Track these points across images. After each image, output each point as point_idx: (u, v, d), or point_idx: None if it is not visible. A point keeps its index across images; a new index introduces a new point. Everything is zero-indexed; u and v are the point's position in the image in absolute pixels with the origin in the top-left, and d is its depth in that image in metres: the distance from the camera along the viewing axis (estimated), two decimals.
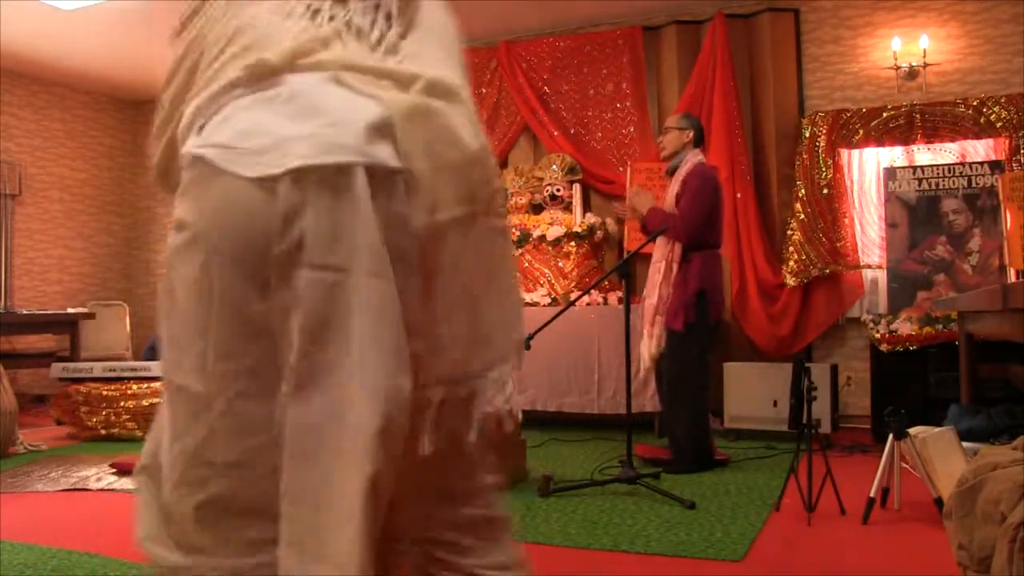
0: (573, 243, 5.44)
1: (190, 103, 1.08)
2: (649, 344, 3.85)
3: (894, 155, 5.10)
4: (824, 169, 5.12)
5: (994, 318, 3.05)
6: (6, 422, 4.32)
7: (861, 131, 5.08)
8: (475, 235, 1.04)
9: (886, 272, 4.99)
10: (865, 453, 4.09)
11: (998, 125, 4.74)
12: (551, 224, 5.53)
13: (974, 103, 4.80)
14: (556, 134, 5.87)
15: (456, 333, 1.05)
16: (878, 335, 4.41)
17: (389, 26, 1.10)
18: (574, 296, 4.76)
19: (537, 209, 5.81)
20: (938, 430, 2.85)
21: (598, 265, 5.50)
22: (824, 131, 5.13)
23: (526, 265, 5.54)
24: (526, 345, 2.41)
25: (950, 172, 4.80)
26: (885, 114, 5.02)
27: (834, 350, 5.21)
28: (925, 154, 5.00)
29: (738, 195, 5.26)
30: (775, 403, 4.42)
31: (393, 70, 1.05)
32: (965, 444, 2.84)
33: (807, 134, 5.18)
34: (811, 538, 2.63)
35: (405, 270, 0.98)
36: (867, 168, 5.18)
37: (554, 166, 5.79)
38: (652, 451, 3.94)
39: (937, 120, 4.91)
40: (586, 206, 5.75)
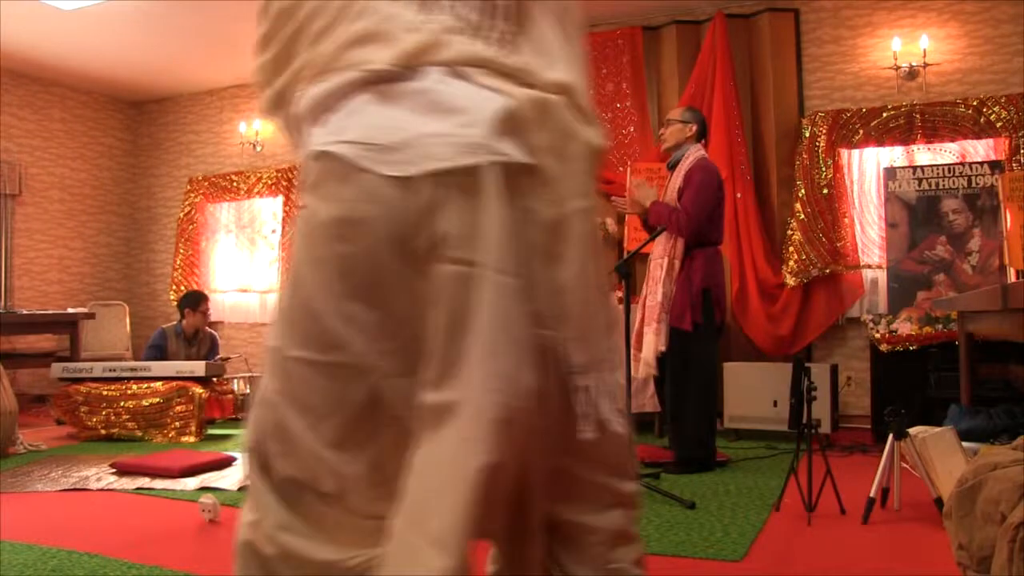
0: None
1: (303, 72, 1.11)
2: (655, 342, 3.71)
3: (894, 155, 5.10)
4: (824, 169, 5.12)
5: (994, 318, 3.05)
6: (6, 422, 4.32)
7: (861, 131, 5.08)
8: (591, 227, 1.09)
9: (886, 272, 4.99)
10: (865, 453, 4.09)
11: (998, 125, 4.74)
12: None
13: (974, 103, 4.80)
14: None
15: (586, 324, 1.10)
16: (878, 335, 4.41)
17: (505, 22, 1.10)
18: None
19: None
20: (938, 430, 2.85)
21: None
22: (824, 131, 5.13)
23: None
24: None
25: (950, 172, 4.80)
26: (885, 114, 5.02)
27: (834, 350, 5.21)
28: (925, 154, 5.00)
29: (738, 195, 5.25)
30: (775, 403, 4.42)
31: (513, 66, 1.07)
32: (965, 444, 2.84)
33: (807, 134, 5.18)
34: (811, 538, 2.63)
35: (538, 263, 1.03)
36: (867, 168, 5.18)
37: None
38: (652, 452, 3.94)
39: (937, 120, 4.91)
40: None
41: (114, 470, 3.80)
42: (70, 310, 6.42)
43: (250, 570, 1.10)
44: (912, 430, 2.81)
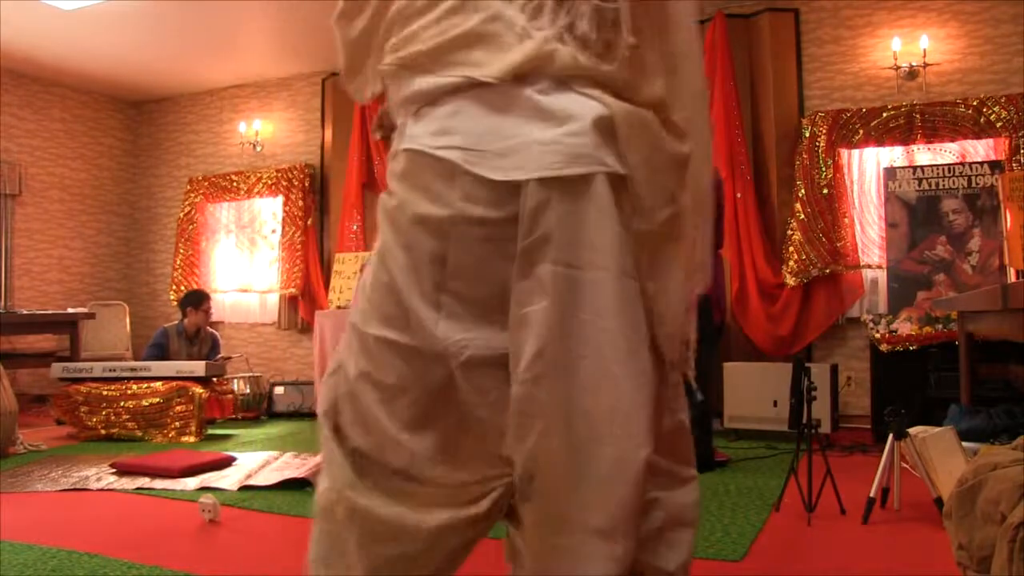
0: None
1: (402, 55, 1.13)
2: None
3: (894, 155, 5.10)
4: (824, 169, 5.12)
5: (994, 318, 3.05)
6: (6, 422, 4.32)
7: (861, 131, 5.08)
8: (677, 237, 1.15)
9: (886, 272, 4.99)
10: (865, 453, 4.08)
11: (998, 125, 4.74)
12: None
13: (974, 103, 4.80)
14: None
15: (677, 325, 1.17)
16: (878, 335, 4.40)
17: (612, 32, 1.10)
18: None
19: None
20: (938, 430, 2.85)
21: None
22: (824, 131, 5.13)
23: None
24: None
25: (950, 172, 4.80)
26: (885, 114, 5.02)
27: (834, 350, 5.21)
28: (925, 154, 5.00)
29: (738, 195, 5.25)
30: (775, 403, 4.42)
31: (613, 77, 1.09)
32: (965, 444, 2.84)
33: (807, 134, 5.18)
34: (811, 538, 2.63)
35: (633, 267, 1.08)
36: (867, 168, 5.18)
37: None
38: None
39: (937, 120, 4.91)
40: None
41: (114, 470, 3.79)
42: (70, 310, 6.43)
43: (325, 536, 1.17)
44: (912, 430, 2.81)
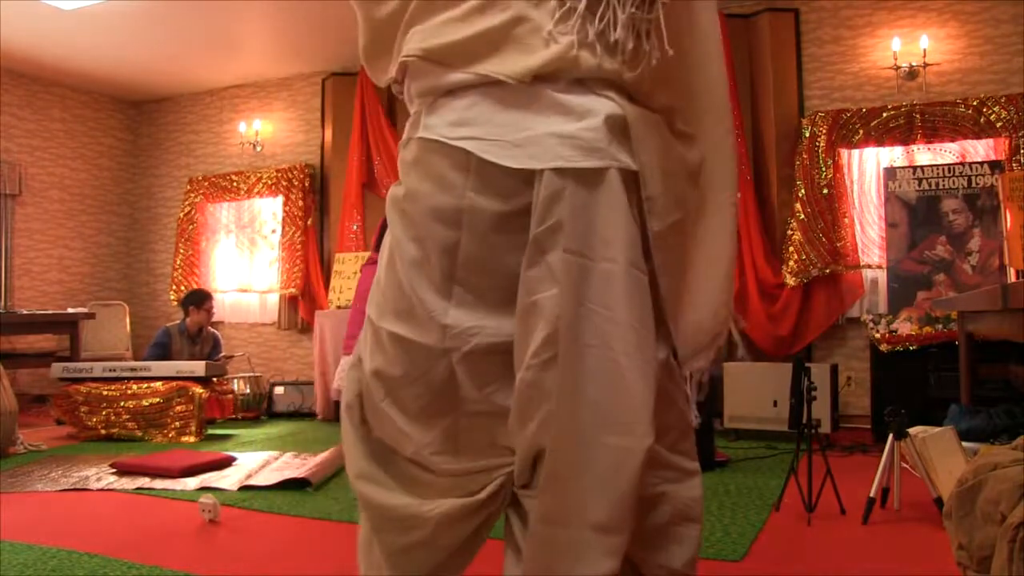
0: None
1: (427, 45, 1.13)
2: None
3: (894, 155, 5.10)
4: (824, 169, 5.12)
5: (994, 318, 3.05)
6: (6, 422, 4.32)
7: (861, 131, 5.08)
8: (683, 236, 1.19)
9: (886, 272, 4.99)
10: (865, 453, 4.08)
11: (998, 125, 4.74)
12: None
13: (974, 103, 4.80)
14: None
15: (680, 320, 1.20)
16: (878, 335, 4.40)
17: (643, 42, 1.12)
18: None
19: None
20: (938, 430, 2.85)
21: None
22: (824, 131, 5.12)
23: None
24: None
25: (950, 172, 4.80)
26: (885, 114, 5.02)
27: (834, 350, 5.21)
28: (925, 154, 5.00)
29: (738, 195, 5.24)
30: (775, 403, 4.42)
31: (630, 82, 1.12)
32: (965, 444, 2.84)
33: (807, 134, 5.18)
34: (811, 538, 2.63)
35: (643, 261, 1.10)
36: (867, 168, 5.18)
37: None
38: None
39: (937, 120, 4.91)
40: None
41: (114, 470, 3.79)
42: (70, 310, 6.42)
43: (363, 523, 1.25)
44: (912, 430, 2.81)
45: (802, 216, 5.11)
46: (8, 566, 2.37)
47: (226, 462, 3.94)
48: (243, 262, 7.29)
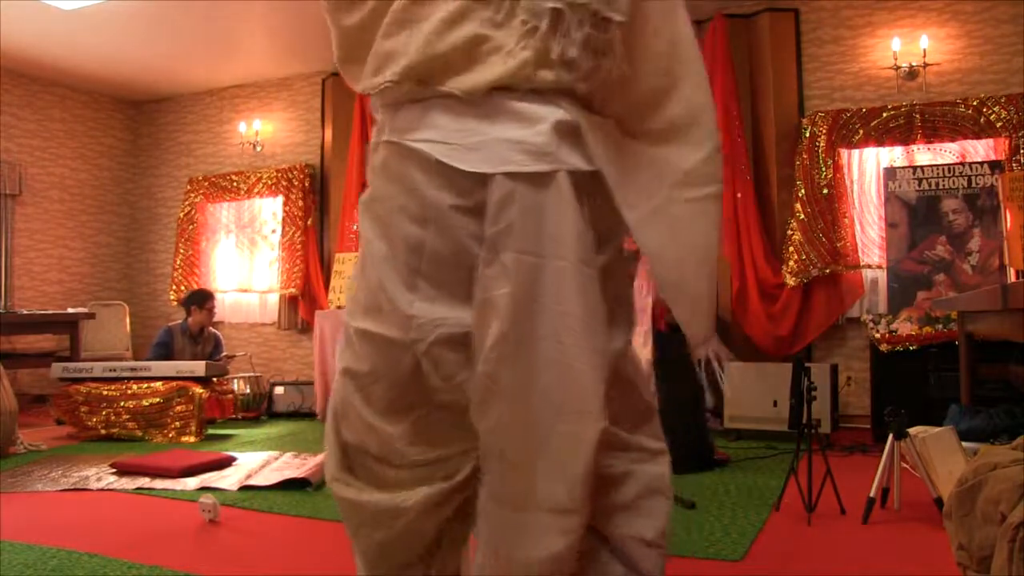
0: None
1: (396, 55, 1.19)
2: (644, 343, 3.92)
3: (894, 155, 5.09)
4: (824, 169, 5.12)
5: (994, 318, 3.05)
6: (6, 422, 4.32)
7: (861, 131, 5.08)
8: (667, 224, 1.22)
9: (886, 272, 4.99)
10: (865, 453, 4.08)
11: (998, 125, 4.74)
12: None
13: (974, 103, 4.80)
14: None
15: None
16: (878, 335, 4.40)
17: (596, 60, 1.17)
18: None
19: None
20: (938, 430, 2.85)
21: None
22: (824, 131, 5.12)
23: None
24: None
25: (950, 172, 4.80)
26: (885, 114, 5.02)
27: (834, 350, 5.21)
28: (925, 154, 4.99)
29: (738, 195, 5.25)
30: (775, 403, 4.42)
31: (583, 93, 1.18)
32: (965, 444, 2.84)
33: (807, 134, 5.18)
34: (811, 538, 2.63)
35: (598, 259, 1.16)
36: (867, 168, 5.18)
37: None
38: None
39: (937, 120, 4.91)
40: None
41: (114, 470, 3.79)
42: (70, 310, 6.42)
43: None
44: (912, 430, 2.81)
45: (802, 216, 5.11)
46: (8, 566, 2.37)
47: (226, 462, 3.94)
48: (243, 262, 7.29)
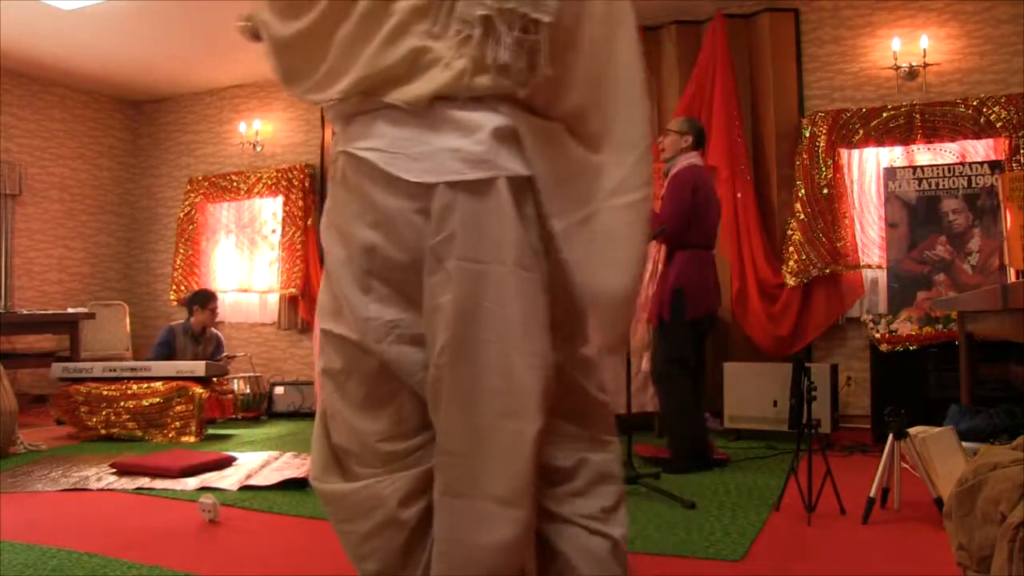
0: None
1: (340, 66, 1.24)
2: (642, 337, 3.97)
3: (894, 155, 5.09)
4: (824, 169, 5.12)
5: (994, 318, 3.05)
6: (6, 422, 4.32)
7: (861, 131, 5.08)
8: (587, 234, 1.24)
9: (886, 272, 4.99)
10: (865, 453, 4.08)
11: (998, 125, 4.74)
12: None
13: (974, 103, 4.80)
14: None
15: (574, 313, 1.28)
16: (878, 335, 4.40)
17: (536, 61, 1.20)
18: None
19: None
20: (938, 430, 2.85)
21: None
22: (824, 131, 5.12)
23: None
24: None
25: (950, 172, 4.80)
26: (885, 114, 5.02)
27: (834, 350, 5.21)
28: (925, 154, 4.99)
29: (738, 195, 5.25)
30: (775, 403, 4.42)
31: (525, 98, 1.21)
32: (965, 444, 2.84)
33: (807, 134, 5.18)
34: (811, 538, 2.63)
35: (541, 262, 1.20)
36: (867, 168, 5.18)
37: None
38: (652, 451, 3.94)
39: (937, 120, 4.91)
40: None
41: (114, 470, 3.79)
42: (70, 310, 6.42)
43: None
44: (912, 430, 2.81)
45: (802, 216, 5.11)
46: (8, 566, 2.37)
47: (226, 462, 3.94)
48: (243, 262, 7.29)
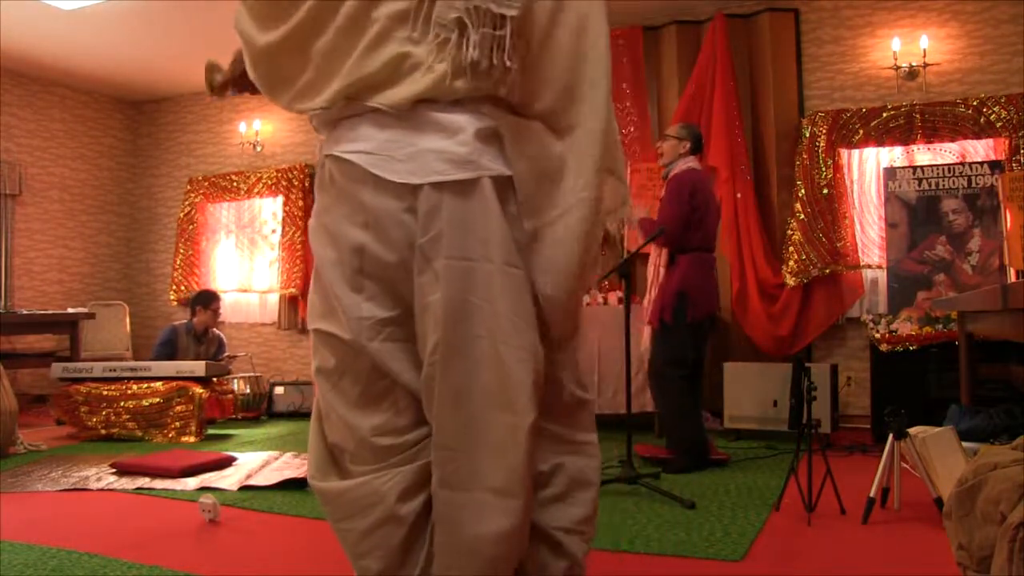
0: None
1: (322, 71, 1.25)
2: (646, 340, 3.98)
3: (894, 155, 5.09)
4: (824, 169, 5.11)
5: (994, 318, 3.05)
6: (6, 422, 4.32)
7: (861, 131, 5.08)
8: (565, 234, 1.26)
9: (886, 272, 4.99)
10: (865, 453, 4.08)
11: (998, 125, 4.74)
12: None
13: (974, 103, 4.80)
14: None
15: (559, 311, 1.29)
16: (878, 335, 4.40)
17: (505, 62, 1.21)
18: None
19: None
20: (938, 430, 2.85)
21: None
22: (824, 131, 5.12)
23: None
24: None
25: (950, 172, 4.80)
26: (885, 114, 5.02)
27: (834, 350, 5.21)
28: (925, 154, 4.99)
29: (738, 195, 5.25)
30: (775, 403, 4.42)
31: (504, 98, 1.23)
32: (965, 444, 2.84)
33: (807, 134, 5.18)
34: (811, 538, 2.63)
35: (519, 258, 1.21)
36: (867, 168, 5.18)
37: None
38: (652, 451, 3.94)
39: (937, 120, 4.91)
40: None
41: (114, 470, 3.79)
42: (70, 310, 6.42)
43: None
44: (912, 430, 2.81)
45: (802, 216, 5.11)
46: (8, 566, 2.37)
47: (226, 462, 3.94)
48: (243, 262, 7.29)
